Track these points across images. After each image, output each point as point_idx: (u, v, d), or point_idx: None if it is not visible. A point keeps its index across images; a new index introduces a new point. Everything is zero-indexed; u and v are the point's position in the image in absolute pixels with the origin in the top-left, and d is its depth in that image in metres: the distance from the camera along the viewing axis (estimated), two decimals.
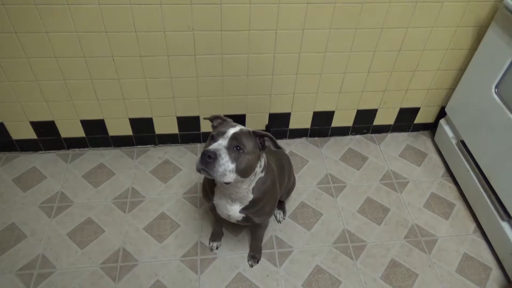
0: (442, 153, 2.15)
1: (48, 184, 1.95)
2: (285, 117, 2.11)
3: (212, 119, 1.34)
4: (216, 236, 1.74)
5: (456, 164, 2.01)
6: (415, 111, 2.21)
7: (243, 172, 1.20)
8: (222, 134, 1.20)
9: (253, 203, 1.37)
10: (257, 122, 2.11)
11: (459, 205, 1.96)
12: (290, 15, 1.68)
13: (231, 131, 1.20)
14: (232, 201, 1.38)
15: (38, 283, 1.59)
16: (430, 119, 2.27)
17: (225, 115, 1.34)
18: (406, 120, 2.25)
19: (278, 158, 1.55)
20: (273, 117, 2.10)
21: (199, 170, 1.16)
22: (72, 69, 1.75)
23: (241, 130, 1.21)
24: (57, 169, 2.02)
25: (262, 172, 1.32)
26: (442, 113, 2.20)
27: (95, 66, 1.75)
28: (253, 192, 1.34)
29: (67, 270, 1.64)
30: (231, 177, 1.17)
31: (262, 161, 1.31)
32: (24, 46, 1.65)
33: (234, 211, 1.40)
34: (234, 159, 1.17)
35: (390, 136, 2.30)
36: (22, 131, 1.97)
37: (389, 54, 1.90)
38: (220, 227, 1.72)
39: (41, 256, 1.68)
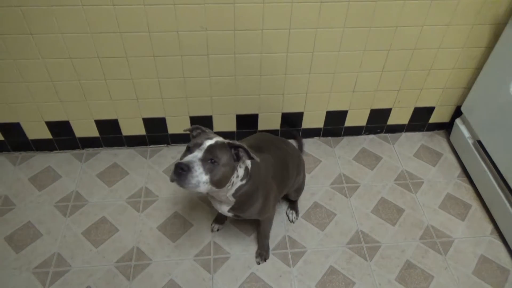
0: (458, 153, 2.12)
1: (63, 183, 1.97)
2: (298, 116, 2.10)
3: (191, 129, 1.37)
4: (219, 220, 1.79)
5: (472, 164, 1.98)
6: (430, 110, 2.18)
7: (217, 183, 1.23)
8: (198, 145, 1.22)
9: (237, 205, 1.41)
10: (270, 121, 2.10)
11: (476, 206, 1.93)
12: (303, 14, 1.67)
13: (207, 143, 1.22)
14: (220, 201, 1.43)
15: (54, 281, 1.62)
16: (445, 118, 2.24)
17: (237, 115, 1.34)
18: (420, 119, 2.22)
19: (281, 156, 1.55)
20: (285, 116, 2.09)
21: (172, 181, 1.18)
22: (87, 70, 1.77)
23: (216, 142, 1.23)
24: (72, 168, 2.04)
25: (242, 180, 1.34)
26: (458, 113, 2.16)
27: (109, 66, 1.77)
28: (234, 197, 1.37)
29: (82, 268, 1.66)
30: (205, 188, 1.20)
31: (240, 171, 1.32)
32: (40, 47, 1.67)
33: (223, 209, 1.46)
34: (208, 171, 1.19)
35: (404, 135, 2.27)
36: (38, 131, 2.00)
37: (403, 53, 1.87)
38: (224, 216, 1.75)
39: (56, 254, 1.70)
